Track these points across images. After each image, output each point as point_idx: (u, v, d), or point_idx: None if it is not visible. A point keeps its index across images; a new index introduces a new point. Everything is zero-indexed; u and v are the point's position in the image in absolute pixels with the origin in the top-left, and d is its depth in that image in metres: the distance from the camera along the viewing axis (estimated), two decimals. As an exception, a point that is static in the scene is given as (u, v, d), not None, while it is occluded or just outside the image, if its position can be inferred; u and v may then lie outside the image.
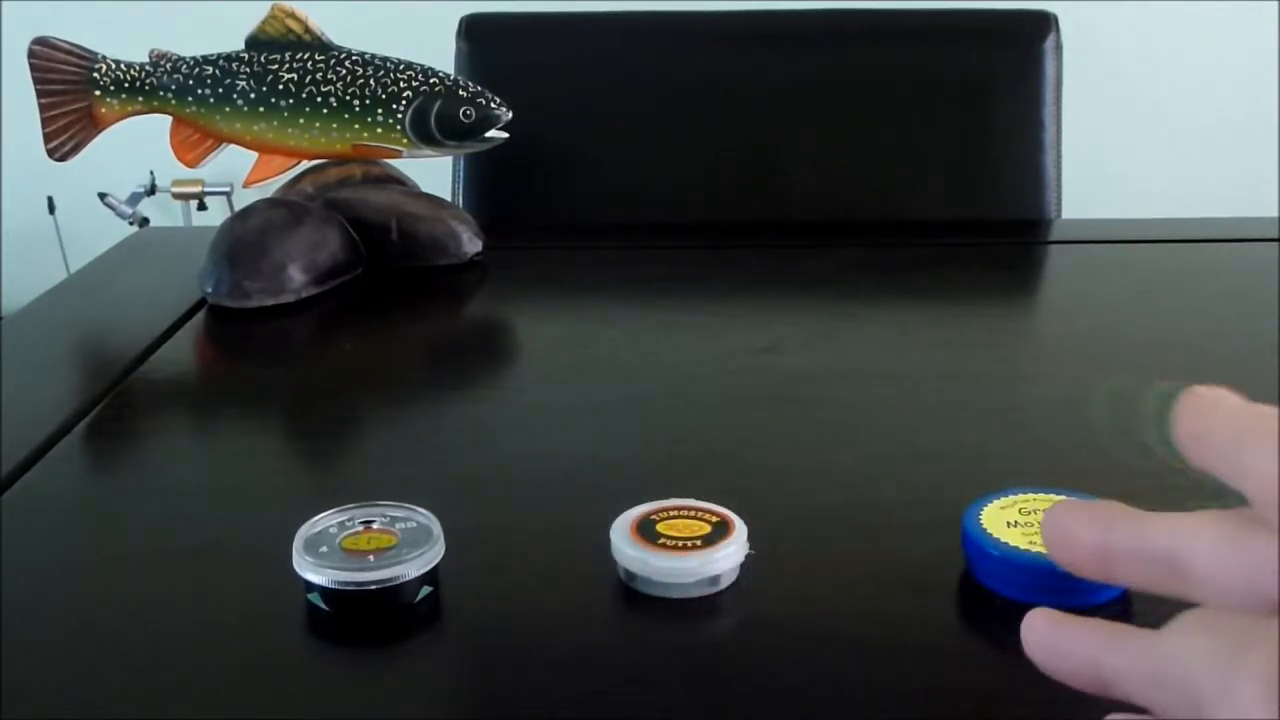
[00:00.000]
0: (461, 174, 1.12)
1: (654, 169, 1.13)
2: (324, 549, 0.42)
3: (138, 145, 1.16)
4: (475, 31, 1.13)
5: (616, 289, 0.83)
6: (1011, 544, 0.42)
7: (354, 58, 0.79)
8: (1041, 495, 0.45)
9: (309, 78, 0.78)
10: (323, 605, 0.41)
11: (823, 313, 0.77)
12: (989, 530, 0.43)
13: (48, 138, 0.80)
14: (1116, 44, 2.10)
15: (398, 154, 0.81)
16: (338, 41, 0.80)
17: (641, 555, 0.42)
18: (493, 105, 0.79)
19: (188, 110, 0.80)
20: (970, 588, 0.43)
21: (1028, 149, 1.10)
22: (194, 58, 0.79)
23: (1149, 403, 0.40)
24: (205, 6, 1.92)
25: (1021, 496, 0.45)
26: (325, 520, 0.44)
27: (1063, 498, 0.45)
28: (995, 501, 0.45)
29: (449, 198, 1.10)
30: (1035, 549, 0.41)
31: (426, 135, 0.79)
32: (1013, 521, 0.43)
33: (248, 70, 0.78)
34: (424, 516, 0.44)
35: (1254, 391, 0.40)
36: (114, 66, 0.79)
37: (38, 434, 0.57)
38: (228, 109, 0.79)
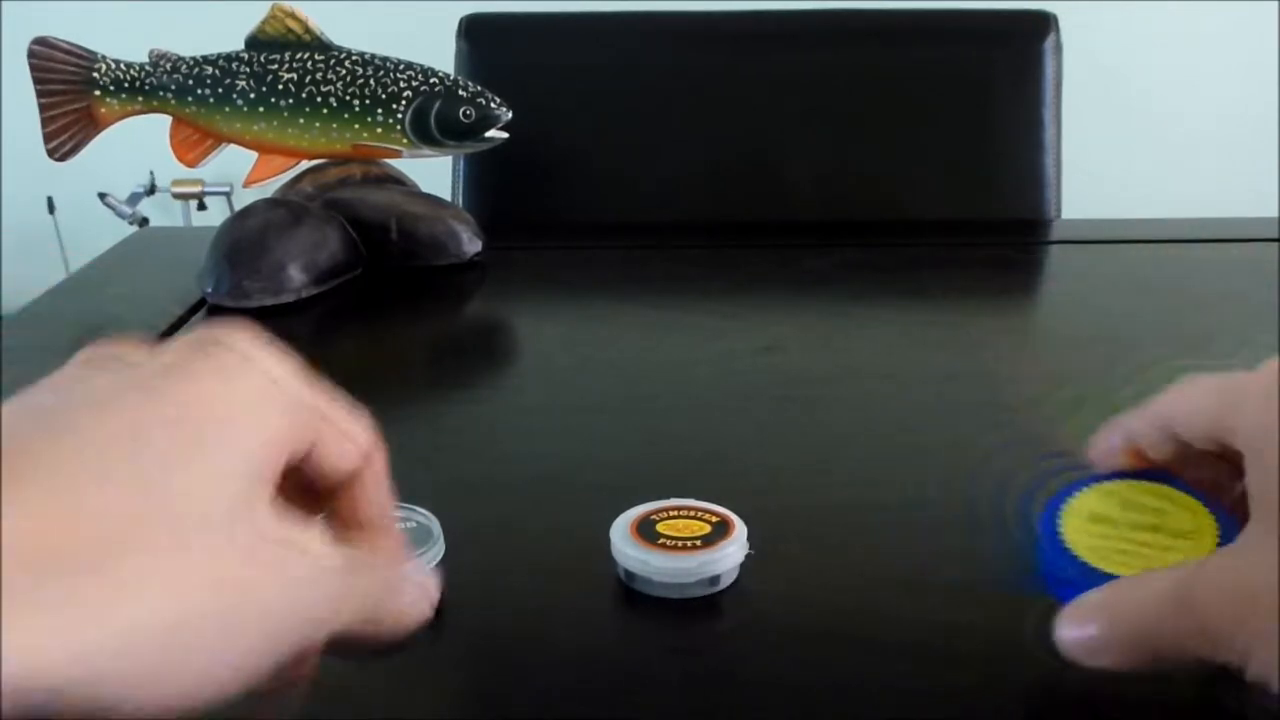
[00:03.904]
0: (461, 174, 1.12)
1: (654, 169, 1.13)
2: (324, 549, 0.42)
3: (138, 145, 1.16)
4: (475, 31, 1.13)
5: (616, 289, 0.83)
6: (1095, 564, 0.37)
7: (354, 58, 0.79)
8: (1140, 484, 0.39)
9: (309, 78, 0.78)
10: (323, 605, 0.41)
11: (823, 313, 0.77)
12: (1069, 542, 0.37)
13: (48, 138, 0.80)
14: (1116, 44, 2.10)
15: (398, 154, 0.81)
16: (338, 41, 0.80)
17: (641, 555, 0.42)
18: (493, 105, 0.79)
19: (188, 110, 0.80)
20: (970, 587, 0.43)
21: (1027, 149, 1.10)
22: (194, 58, 0.79)
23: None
24: (205, 6, 1.92)
25: (1116, 486, 0.39)
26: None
27: (1156, 485, 0.39)
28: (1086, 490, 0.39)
29: (449, 198, 1.10)
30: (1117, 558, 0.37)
31: (426, 135, 0.79)
32: (1100, 515, 0.38)
33: (248, 70, 0.78)
34: (424, 516, 0.44)
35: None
36: (114, 66, 0.79)
37: (38, 434, 0.57)
38: (228, 109, 0.79)
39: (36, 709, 0.22)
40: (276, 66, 0.78)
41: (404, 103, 0.78)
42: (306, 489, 0.30)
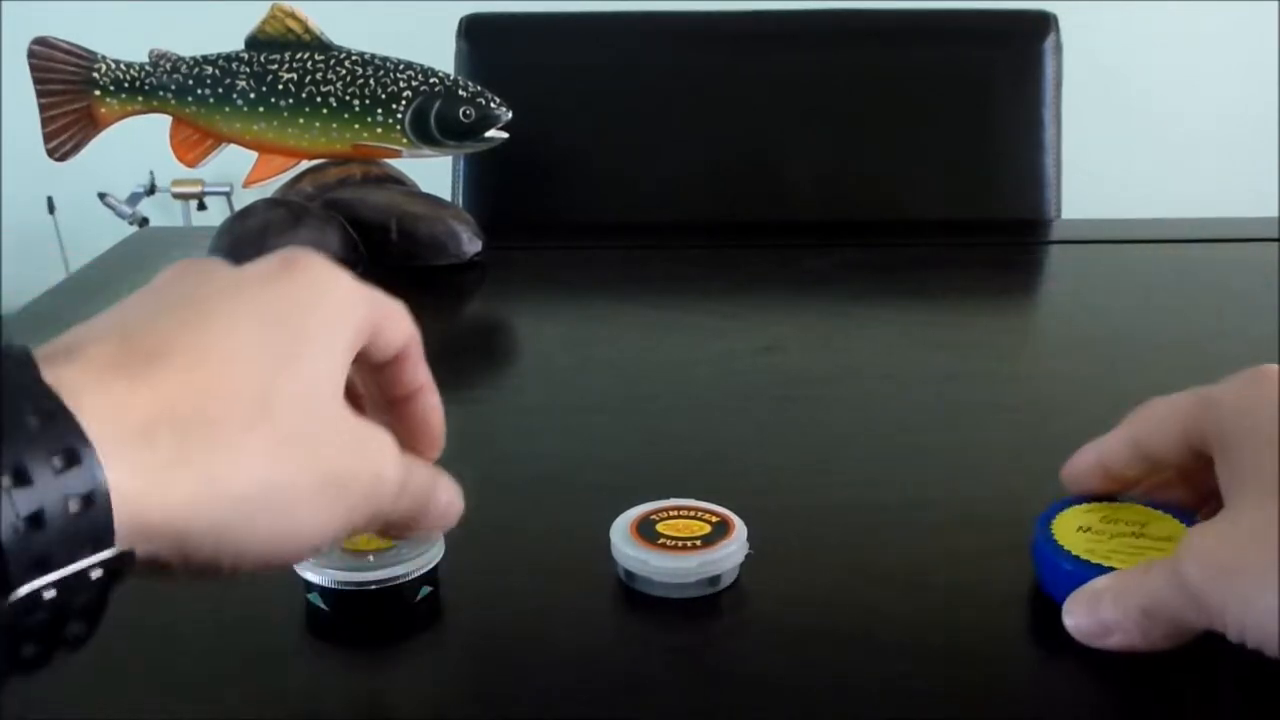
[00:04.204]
0: (461, 174, 1.12)
1: (654, 169, 1.13)
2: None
3: (138, 145, 1.16)
4: (475, 31, 1.13)
5: (616, 289, 0.83)
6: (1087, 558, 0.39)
7: (354, 58, 0.79)
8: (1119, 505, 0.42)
9: (309, 78, 0.78)
10: (322, 605, 0.41)
11: (823, 313, 0.77)
12: (1061, 541, 0.40)
13: (48, 138, 0.80)
14: (1116, 44, 2.10)
15: (398, 154, 0.81)
16: (338, 41, 0.80)
17: (641, 555, 0.42)
18: (493, 105, 0.79)
19: (188, 110, 0.80)
20: (970, 587, 0.43)
21: (1027, 149, 1.10)
22: (194, 58, 0.79)
23: None
24: (205, 6, 1.92)
25: (1095, 505, 0.42)
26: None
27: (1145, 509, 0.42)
28: (1069, 509, 0.42)
29: (449, 198, 1.10)
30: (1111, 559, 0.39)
31: (426, 135, 0.79)
32: (1085, 527, 0.41)
33: (248, 70, 0.78)
34: (424, 516, 0.44)
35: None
36: (114, 66, 0.79)
37: (38, 434, 0.57)
38: (228, 109, 0.79)
39: (163, 554, 0.26)
40: (276, 66, 0.78)
41: (404, 103, 0.78)
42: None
